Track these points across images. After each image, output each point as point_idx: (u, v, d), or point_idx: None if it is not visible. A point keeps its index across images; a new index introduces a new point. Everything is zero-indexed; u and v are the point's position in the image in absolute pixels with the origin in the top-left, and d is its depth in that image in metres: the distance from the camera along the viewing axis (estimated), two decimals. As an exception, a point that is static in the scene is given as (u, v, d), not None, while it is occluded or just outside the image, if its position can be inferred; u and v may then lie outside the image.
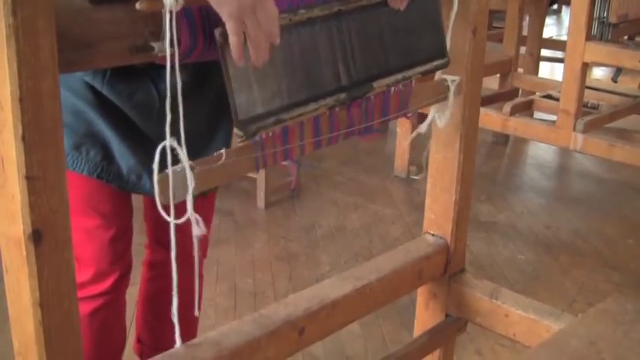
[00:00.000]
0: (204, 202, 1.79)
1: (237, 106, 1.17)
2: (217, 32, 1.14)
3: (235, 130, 1.17)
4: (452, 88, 1.69)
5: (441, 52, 1.61)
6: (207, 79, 1.62)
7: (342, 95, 1.36)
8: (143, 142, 1.57)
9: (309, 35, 1.32)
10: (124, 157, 1.57)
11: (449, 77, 1.69)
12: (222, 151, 1.22)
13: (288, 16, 1.27)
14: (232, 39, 1.10)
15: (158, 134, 1.57)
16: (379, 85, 1.44)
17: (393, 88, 1.51)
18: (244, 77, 1.19)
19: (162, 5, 1.10)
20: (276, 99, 1.25)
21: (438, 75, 1.70)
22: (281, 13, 1.24)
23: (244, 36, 1.12)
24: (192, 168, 1.17)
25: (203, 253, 1.89)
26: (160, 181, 1.13)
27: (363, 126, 1.48)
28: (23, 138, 0.90)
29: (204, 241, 1.87)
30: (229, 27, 1.10)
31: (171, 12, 1.11)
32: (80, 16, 1.05)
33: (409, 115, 1.62)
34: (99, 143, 1.55)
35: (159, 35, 1.11)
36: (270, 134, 1.29)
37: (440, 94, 1.69)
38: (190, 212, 1.18)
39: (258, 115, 1.21)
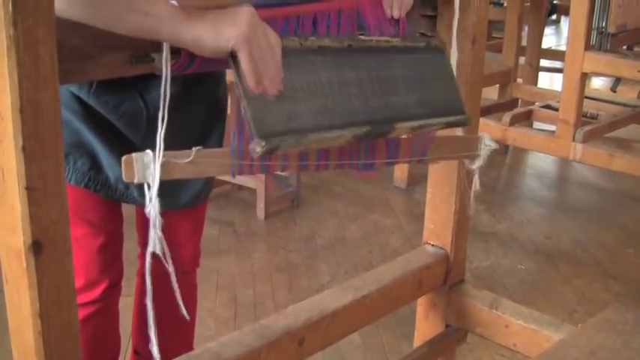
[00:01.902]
0: (195, 212, 1.79)
1: (254, 120, 1.16)
2: (231, 56, 1.15)
3: (254, 144, 1.14)
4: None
5: (458, 108, 1.56)
6: (197, 90, 1.62)
7: (366, 128, 1.33)
8: (130, 152, 1.57)
9: (323, 64, 1.31)
10: (111, 166, 1.57)
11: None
12: (195, 149, 1.21)
13: (298, 39, 1.27)
14: (246, 67, 1.13)
15: (146, 144, 1.58)
16: (401, 127, 1.40)
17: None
18: (259, 99, 1.18)
19: None
20: (297, 120, 1.23)
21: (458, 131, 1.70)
22: (290, 37, 1.26)
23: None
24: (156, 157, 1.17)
25: (195, 263, 1.89)
26: (125, 162, 1.14)
27: (363, 162, 1.46)
28: (23, 149, 0.90)
29: (195, 250, 1.87)
30: (242, 58, 1.12)
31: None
32: (80, 27, 1.05)
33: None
34: (86, 153, 1.55)
35: (159, 46, 1.12)
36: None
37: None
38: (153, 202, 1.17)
39: (277, 131, 1.19)
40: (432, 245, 1.92)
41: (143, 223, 1.82)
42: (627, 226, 3.91)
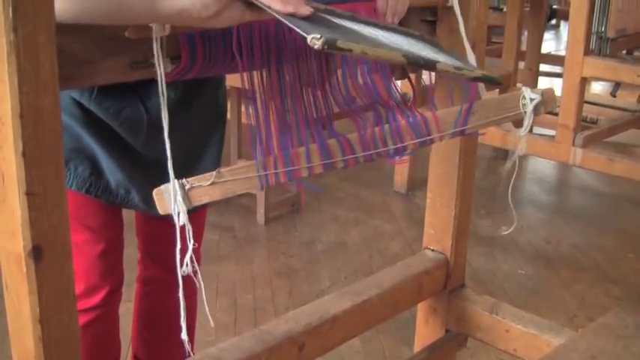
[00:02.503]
0: (195, 217, 1.79)
1: (299, 25, 1.04)
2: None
3: (310, 40, 1.00)
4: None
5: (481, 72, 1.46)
6: (197, 94, 1.62)
7: (414, 53, 1.23)
8: (131, 157, 1.58)
9: (337, 19, 1.24)
10: (112, 171, 1.57)
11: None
12: (218, 170, 1.21)
13: None
14: None
15: (146, 149, 1.58)
16: (444, 64, 1.27)
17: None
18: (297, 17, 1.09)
19: (150, 32, 1.11)
20: (343, 37, 1.09)
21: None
22: None
23: None
24: (183, 185, 1.18)
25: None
26: (157, 195, 1.17)
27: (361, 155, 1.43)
28: (24, 154, 0.90)
29: (196, 255, 1.87)
30: None
31: (158, 38, 1.13)
32: (80, 32, 1.05)
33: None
34: (87, 158, 1.55)
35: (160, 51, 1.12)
36: (272, 156, 1.27)
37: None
38: (185, 224, 1.18)
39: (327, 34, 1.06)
40: (432, 250, 1.92)
41: (143, 228, 1.82)
42: (627, 230, 3.91)
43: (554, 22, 8.70)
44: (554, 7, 6.76)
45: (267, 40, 1.29)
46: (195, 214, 1.77)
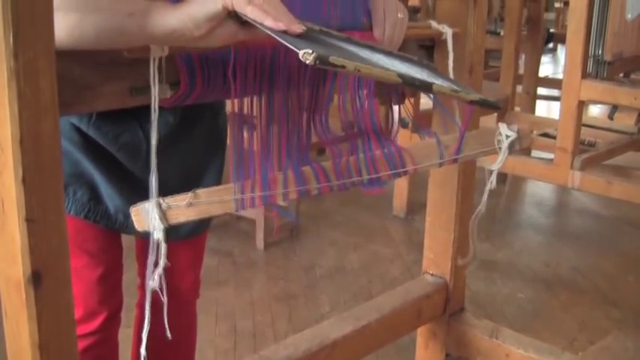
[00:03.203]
0: (195, 242, 1.79)
1: (292, 42, 1.03)
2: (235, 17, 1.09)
3: (302, 55, 0.99)
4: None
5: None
6: (197, 119, 1.63)
7: (410, 75, 1.22)
8: (130, 182, 1.58)
9: (334, 40, 1.25)
10: (111, 197, 1.57)
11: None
12: (193, 191, 1.22)
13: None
14: (247, 9, 1.06)
15: (145, 174, 1.58)
16: (440, 86, 1.27)
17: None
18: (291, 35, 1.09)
19: (149, 52, 1.12)
20: (336, 54, 1.07)
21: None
22: None
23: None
24: (160, 205, 1.19)
25: (195, 293, 1.89)
26: (133, 212, 1.20)
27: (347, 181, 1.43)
28: (23, 180, 0.90)
29: (195, 280, 1.87)
30: (235, 3, 1.06)
31: (156, 58, 1.13)
32: (80, 57, 1.06)
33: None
34: (86, 183, 1.56)
35: (159, 78, 1.12)
36: (250, 180, 1.28)
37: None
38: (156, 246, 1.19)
39: (320, 49, 1.05)
40: (432, 274, 1.92)
41: (143, 253, 1.82)
42: (627, 252, 3.91)
43: (551, 45, 8.76)
44: (551, 30, 6.79)
45: (262, 67, 1.30)
46: (195, 238, 1.77)
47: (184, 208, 1.21)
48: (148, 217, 1.19)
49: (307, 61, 0.97)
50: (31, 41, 0.86)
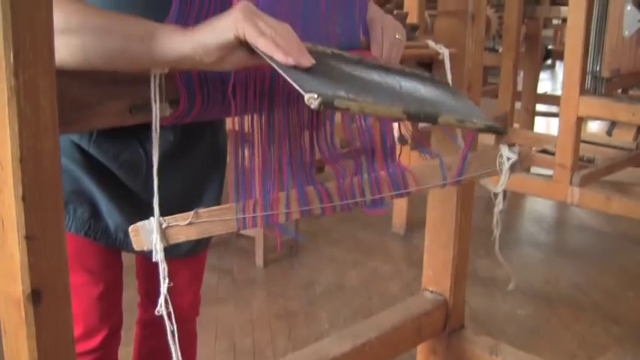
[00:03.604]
0: (195, 260, 1.79)
1: (297, 80, 1.04)
2: (247, 47, 1.10)
3: (307, 99, 1.01)
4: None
5: (485, 118, 1.46)
6: (197, 137, 1.63)
7: (416, 107, 1.22)
8: (131, 200, 1.58)
9: (344, 65, 1.26)
10: (111, 214, 1.57)
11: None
12: (195, 211, 1.23)
13: (310, 43, 1.23)
14: (259, 41, 1.08)
15: (145, 192, 1.59)
16: (446, 117, 1.27)
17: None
18: (299, 69, 1.09)
19: (149, 70, 1.12)
20: (343, 89, 1.10)
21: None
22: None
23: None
24: (161, 224, 1.20)
25: (195, 311, 1.89)
26: (132, 231, 1.20)
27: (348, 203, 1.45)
28: (23, 198, 0.90)
29: (195, 299, 1.87)
30: (248, 35, 1.08)
31: (157, 75, 1.14)
32: (80, 76, 1.06)
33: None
34: (86, 201, 1.56)
35: (159, 96, 1.13)
36: (252, 200, 1.29)
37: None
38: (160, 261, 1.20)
39: (327, 90, 1.06)
40: (431, 291, 1.92)
41: (143, 271, 1.82)
42: (626, 268, 3.90)
43: (549, 62, 8.77)
44: (549, 47, 6.82)
45: (262, 85, 1.30)
46: (196, 257, 1.77)
47: (185, 227, 1.21)
48: (148, 235, 1.20)
49: (312, 106, 0.99)
50: (31, 60, 0.87)
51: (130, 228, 1.19)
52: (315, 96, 0.99)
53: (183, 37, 1.09)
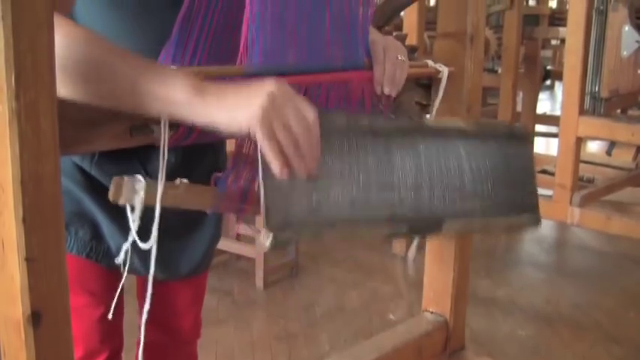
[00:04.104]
0: (196, 281, 1.79)
1: (270, 208, 1.04)
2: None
3: (262, 235, 1.05)
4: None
5: (529, 205, 1.39)
6: (198, 159, 1.63)
7: (408, 226, 1.19)
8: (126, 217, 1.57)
9: (372, 148, 1.19)
10: (113, 236, 1.57)
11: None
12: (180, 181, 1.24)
13: (345, 117, 1.21)
14: (265, 144, 1.07)
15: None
16: (452, 225, 1.23)
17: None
18: (282, 183, 1.07)
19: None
20: (326, 209, 1.10)
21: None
22: (337, 112, 1.21)
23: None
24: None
25: (197, 333, 1.88)
26: (114, 183, 1.17)
27: None
28: (24, 220, 0.90)
29: (196, 320, 1.86)
30: (258, 137, 1.07)
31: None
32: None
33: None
34: (88, 222, 1.55)
35: (158, 118, 1.13)
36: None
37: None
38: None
39: (297, 221, 1.07)
40: (432, 312, 1.92)
41: (144, 291, 1.81)
42: (627, 288, 3.89)
43: (548, 82, 8.79)
44: (549, 68, 6.83)
45: None
46: (196, 278, 1.77)
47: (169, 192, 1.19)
48: (129, 192, 1.17)
49: (265, 243, 1.04)
50: (32, 83, 0.87)
51: (114, 179, 1.16)
52: (271, 238, 1.01)
53: (198, 111, 1.08)
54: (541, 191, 4.11)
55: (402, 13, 3.86)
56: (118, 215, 1.57)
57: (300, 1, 1.34)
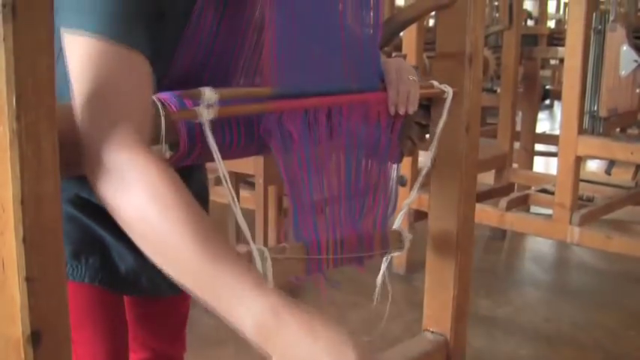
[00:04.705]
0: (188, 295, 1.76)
1: None
2: None
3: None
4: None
5: None
6: (187, 179, 1.63)
7: None
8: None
9: None
10: (122, 257, 1.55)
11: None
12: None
13: None
14: None
15: None
16: None
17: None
18: None
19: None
20: None
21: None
22: None
23: None
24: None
25: (184, 348, 1.85)
26: None
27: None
28: (24, 240, 0.91)
29: (180, 337, 1.83)
30: None
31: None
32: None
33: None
34: (97, 248, 1.53)
35: (157, 138, 1.13)
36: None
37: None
38: None
39: None
40: (432, 332, 1.91)
41: (132, 312, 1.78)
42: (628, 307, 3.89)
43: (547, 102, 8.82)
44: (548, 87, 6.85)
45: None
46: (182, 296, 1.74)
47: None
48: None
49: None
50: (34, 104, 0.88)
51: None
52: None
53: (267, 341, 1.00)
54: (541, 210, 4.13)
55: (401, 34, 3.87)
56: (125, 237, 1.55)
57: (316, 24, 1.36)
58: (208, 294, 1.01)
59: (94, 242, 1.52)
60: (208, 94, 1.17)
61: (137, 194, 1.02)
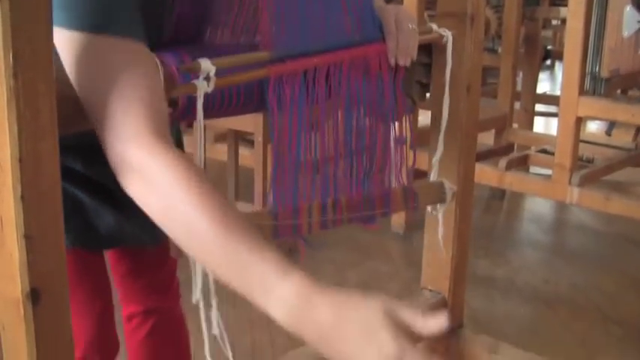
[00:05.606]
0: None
1: None
2: None
3: None
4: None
5: None
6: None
7: None
8: (122, 203, 1.54)
9: None
10: (101, 217, 1.53)
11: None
12: None
13: None
14: None
15: None
16: None
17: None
18: None
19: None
20: None
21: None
22: None
23: None
24: None
25: (179, 293, 1.84)
26: None
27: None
28: (22, 198, 0.91)
29: (171, 288, 1.83)
30: None
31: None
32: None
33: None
34: (77, 211, 1.49)
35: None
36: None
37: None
38: None
39: None
40: (430, 290, 1.92)
41: (117, 268, 1.77)
42: (626, 269, 3.90)
43: (549, 62, 8.77)
44: (549, 47, 6.81)
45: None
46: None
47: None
48: None
49: None
50: (30, 62, 0.87)
51: None
52: None
53: (296, 324, 1.06)
54: (540, 171, 4.12)
55: (402, -8, 3.84)
56: (101, 195, 1.53)
57: None
58: (237, 282, 1.10)
59: (73, 205, 1.50)
60: (205, 65, 1.16)
61: (162, 190, 1.03)
